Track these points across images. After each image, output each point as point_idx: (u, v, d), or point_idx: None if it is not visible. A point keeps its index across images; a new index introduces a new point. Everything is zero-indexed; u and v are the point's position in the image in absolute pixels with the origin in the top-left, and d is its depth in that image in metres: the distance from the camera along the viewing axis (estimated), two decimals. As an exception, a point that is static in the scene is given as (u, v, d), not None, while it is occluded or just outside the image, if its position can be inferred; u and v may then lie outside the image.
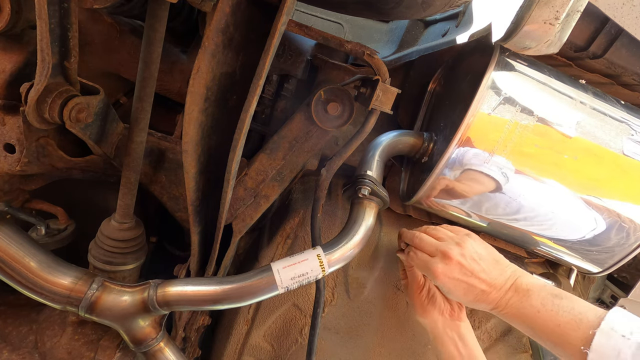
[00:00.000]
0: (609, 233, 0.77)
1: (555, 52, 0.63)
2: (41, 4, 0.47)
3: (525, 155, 0.72)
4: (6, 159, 0.63)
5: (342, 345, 1.00)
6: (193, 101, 0.53)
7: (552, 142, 0.72)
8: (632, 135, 0.73)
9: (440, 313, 0.79)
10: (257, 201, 0.78)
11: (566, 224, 0.78)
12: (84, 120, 0.60)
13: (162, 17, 0.55)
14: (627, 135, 0.73)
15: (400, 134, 0.84)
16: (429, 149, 0.83)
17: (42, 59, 0.52)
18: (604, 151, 0.72)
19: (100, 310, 0.62)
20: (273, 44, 0.50)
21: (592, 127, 0.72)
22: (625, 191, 0.74)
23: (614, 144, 0.72)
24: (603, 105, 0.74)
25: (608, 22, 0.66)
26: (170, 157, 0.79)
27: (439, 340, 0.78)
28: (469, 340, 0.78)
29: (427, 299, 0.80)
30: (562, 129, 0.71)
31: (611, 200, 0.74)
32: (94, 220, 0.73)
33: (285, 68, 0.80)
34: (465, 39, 0.74)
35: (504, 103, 0.70)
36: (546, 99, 0.71)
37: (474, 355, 0.76)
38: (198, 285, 0.64)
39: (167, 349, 0.68)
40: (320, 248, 0.67)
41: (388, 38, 1.08)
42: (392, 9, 0.61)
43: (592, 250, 0.81)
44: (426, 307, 0.79)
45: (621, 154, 0.72)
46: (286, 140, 0.79)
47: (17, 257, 0.61)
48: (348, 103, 0.73)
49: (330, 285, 0.95)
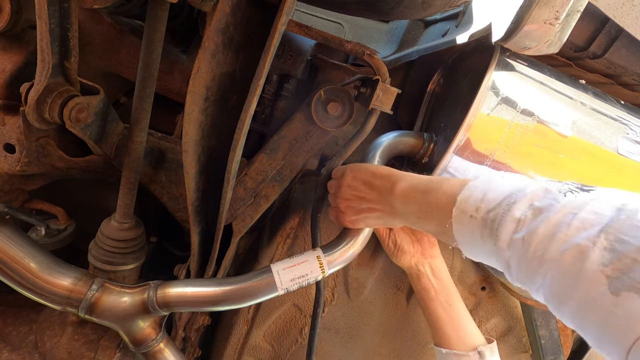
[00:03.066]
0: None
1: (555, 52, 0.63)
2: (41, 4, 0.47)
3: (526, 155, 0.72)
4: (6, 159, 0.63)
5: (342, 345, 1.00)
6: (193, 101, 0.53)
7: (553, 143, 0.72)
8: (627, 134, 0.73)
9: (411, 256, 0.82)
10: (257, 201, 0.78)
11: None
12: (84, 120, 0.60)
13: (162, 17, 0.55)
14: (623, 134, 0.73)
15: (401, 135, 0.84)
16: (429, 149, 0.83)
17: (42, 59, 0.52)
18: (600, 150, 0.72)
19: (100, 311, 0.62)
20: (273, 44, 0.50)
21: (591, 127, 0.72)
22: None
23: (609, 143, 0.72)
24: (603, 106, 0.74)
25: (608, 22, 0.66)
26: (170, 157, 0.79)
27: (414, 277, 0.83)
28: (442, 274, 0.83)
29: (396, 249, 0.83)
30: (562, 129, 0.71)
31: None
32: (94, 220, 0.73)
33: (285, 68, 0.80)
34: (465, 39, 0.74)
35: (505, 103, 0.70)
36: (547, 100, 0.71)
37: (447, 288, 0.82)
38: (198, 286, 0.64)
39: (167, 350, 0.68)
40: (320, 249, 0.67)
41: (388, 38, 1.08)
42: (392, 9, 0.61)
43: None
44: (397, 255, 0.83)
45: (616, 152, 0.73)
46: (286, 140, 0.79)
47: (16, 258, 0.60)
48: (348, 103, 0.73)
49: (330, 285, 0.95)
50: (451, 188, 0.52)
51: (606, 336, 0.34)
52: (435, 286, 0.81)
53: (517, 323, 1.02)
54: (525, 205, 0.43)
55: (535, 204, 0.42)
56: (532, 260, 0.41)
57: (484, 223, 0.46)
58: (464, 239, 0.51)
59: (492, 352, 0.78)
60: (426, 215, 0.56)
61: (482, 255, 0.50)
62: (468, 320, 0.81)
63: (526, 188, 0.45)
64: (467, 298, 0.99)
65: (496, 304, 1.00)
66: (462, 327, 0.79)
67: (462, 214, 0.49)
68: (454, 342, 0.78)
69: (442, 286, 0.82)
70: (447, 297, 0.81)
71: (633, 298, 0.32)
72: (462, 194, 0.50)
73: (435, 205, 0.54)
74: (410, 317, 0.98)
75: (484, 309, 1.00)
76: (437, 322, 0.80)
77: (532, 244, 0.40)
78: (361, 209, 0.66)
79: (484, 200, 0.47)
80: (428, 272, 0.82)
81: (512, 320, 1.01)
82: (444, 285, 0.82)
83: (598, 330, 0.35)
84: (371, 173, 0.66)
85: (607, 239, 0.35)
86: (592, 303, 0.35)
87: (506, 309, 1.00)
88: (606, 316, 0.33)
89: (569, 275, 0.37)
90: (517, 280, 0.45)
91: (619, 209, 0.37)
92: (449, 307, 0.80)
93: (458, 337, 0.78)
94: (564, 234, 0.38)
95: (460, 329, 0.79)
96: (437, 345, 0.81)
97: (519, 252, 0.42)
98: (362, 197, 0.66)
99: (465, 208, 0.49)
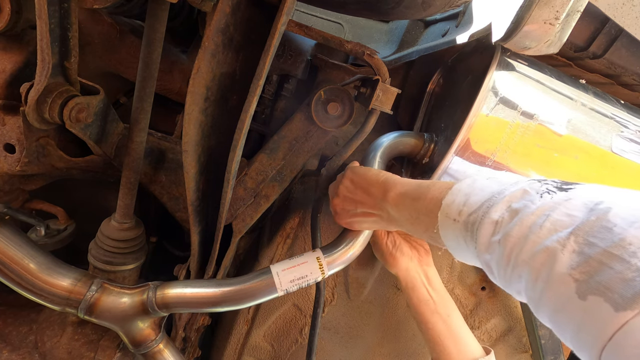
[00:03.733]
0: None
1: (555, 52, 0.63)
2: (41, 4, 0.47)
3: (527, 155, 0.72)
4: (6, 159, 0.63)
5: (342, 345, 1.00)
6: (193, 101, 0.53)
7: (553, 143, 0.72)
8: (621, 132, 0.73)
9: (409, 259, 0.82)
10: (257, 201, 0.78)
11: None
12: (84, 120, 0.60)
13: (162, 17, 0.55)
14: (617, 132, 0.73)
15: (401, 135, 0.84)
16: (429, 150, 0.83)
17: (42, 59, 0.52)
18: (595, 149, 0.73)
19: (100, 312, 0.62)
20: (273, 44, 0.50)
21: (586, 125, 0.72)
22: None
23: (603, 141, 0.73)
24: (603, 105, 0.74)
25: (608, 22, 0.66)
26: (170, 157, 0.79)
27: (410, 285, 0.81)
28: (437, 283, 0.83)
29: (395, 248, 0.82)
30: (557, 127, 0.71)
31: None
32: (94, 220, 0.73)
33: (285, 68, 0.80)
34: (465, 39, 0.74)
35: (505, 104, 0.69)
36: (548, 100, 0.71)
37: (444, 298, 0.81)
38: (197, 287, 0.64)
39: (166, 351, 0.68)
40: (320, 250, 0.67)
41: (388, 38, 1.08)
42: (392, 9, 0.61)
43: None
44: (395, 256, 0.82)
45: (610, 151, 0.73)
46: (286, 140, 0.79)
47: (16, 259, 0.60)
48: (348, 103, 0.73)
49: (330, 285, 0.95)
50: (437, 193, 0.52)
51: (578, 340, 0.34)
52: (434, 297, 0.80)
53: (517, 323, 1.02)
54: (503, 207, 0.43)
55: (512, 206, 0.42)
56: (507, 263, 0.40)
57: (466, 226, 0.46)
58: (450, 244, 0.51)
59: None
60: (417, 221, 0.56)
61: (469, 258, 0.50)
62: (466, 331, 0.80)
63: (506, 190, 0.44)
64: (467, 298, 0.99)
65: (496, 304, 1.00)
66: (461, 339, 0.78)
67: (446, 218, 0.49)
68: (454, 356, 0.77)
69: (440, 297, 0.81)
70: (446, 308, 0.80)
71: (599, 302, 0.31)
72: (446, 199, 0.50)
73: (423, 211, 0.54)
74: (410, 317, 0.98)
75: (484, 309, 1.00)
76: (437, 338, 0.78)
77: (507, 246, 0.40)
78: (357, 212, 0.67)
79: (466, 203, 0.47)
80: (424, 280, 0.81)
81: (512, 320, 1.01)
82: (441, 296, 0.81)
83: (571, 334, 0.34)
84: (367, 180, 0.66)
85: (577, 242, 0.35)
86: (562, 307, 0.34)
87: (506, 309, 1.00)
88: (576, 321, 0.33)
89: (541, 279, 0.36)
90: (500, 283, 0.45)
91: (590, 209, 0.36)
92: (448, 319, 0.79)
93: (458, 351, 0.77)
94: (536, 236, 0.38)
95: (460, 342, 0.78)
96: None
97: (497, 255, 0.42)
98: (358, 202, 0.66)
99: (449, 212, 0.49)
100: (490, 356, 0.78)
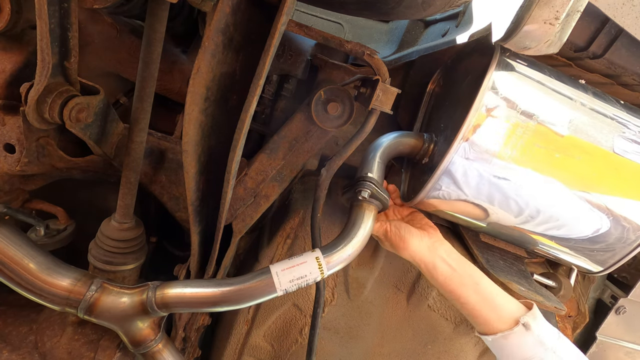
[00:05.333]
0: (610, 231, 0.77)
1: (555, 52, 0.63)
2: (41, 4, 0.47)
3: (527, 155, 0.72)
4: (6, 159, 0.63)
5: (342, 345, 1.00)
6: (193, 101, 0.53)
7: (554, 143, 0.72)
8: (623, 133, 0.73)
9: (420, 239, 0.79)
10: (257, 201, 0.78)
11: (567, 222, 0.78)
12: (84, 120, 0.60)
13: (162, 17, 0.55)
14: (619, 133, 0.73)
15: (401, 135, 0.84)
16: (429, 150, 0.83)
17: (42, 59, 0.52)
18: (597, 149, 0.72)
19: (99, 311, 0.62)
20: (273, 44, 0.50)
21: (587, 125, 0.72)
22: (616, 188, 0.75)
23: (605, 142, 0.72)
24: (602, 105, 0.74)
25: (608, 22, 0.66)
26: (170, 157, 0.79)
27: (431, 265, 0.78)
28: (454, 254, 0.80)
29: (402, 231, 0.80)
30: (559, 128, 0.71)
31: (604, 197, 0.74)
32: (94, 220, 0.73)
33: (285, 68, 0.80)
34: (465, 39, 0.74)
35: (505, 104, 0.69)
36: (547, 100, 0.71)
37: (467, 267, 0.79)
38: (197, 287, 0.64)
39: (166, 350, 0.68)
40: (319, 250, 0.67)
41: (388, 38, 1.08)
42: (392, 9, 0.61)
43: (592, 249, 0.81)
44: (404, 238, 0.79)
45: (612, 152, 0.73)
46: (286, 140, 0.79)
47: (16, 259, 0.60)
48: (348, 103, 0.73)
49: (330, 285, 0.95)
50: None
51: None
52: (458, 269, 0.77)
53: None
54: None
55: None
56: None
57: None
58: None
59: (535, 318, 0.74)
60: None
61: None
62: (499, 293, 0.77)
63: None
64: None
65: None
66: (497, 304, 0.76)
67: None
68: (496, 323, 0.74)
69: (462, 267, 0.78)
70: (472, 277, 0.77)
71: None
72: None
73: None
74: (410, 317, 0.97)
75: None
76: (473, 310, 0.76)
77: None
78: None
79: None
80: (443, 255, 0.78)
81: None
82: (463, 266, 0.78)
83: None
84: None
85: None
86: None
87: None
88: None
89: None
90: None
91: None
92: (478, 287, 0.76)
93: (499, 317, 0.75)
94: None
95: (497, 307, 0.75)
96: (481, 334, 0.78)
97: None
98: None
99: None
100: (532, 312, 0.75)
